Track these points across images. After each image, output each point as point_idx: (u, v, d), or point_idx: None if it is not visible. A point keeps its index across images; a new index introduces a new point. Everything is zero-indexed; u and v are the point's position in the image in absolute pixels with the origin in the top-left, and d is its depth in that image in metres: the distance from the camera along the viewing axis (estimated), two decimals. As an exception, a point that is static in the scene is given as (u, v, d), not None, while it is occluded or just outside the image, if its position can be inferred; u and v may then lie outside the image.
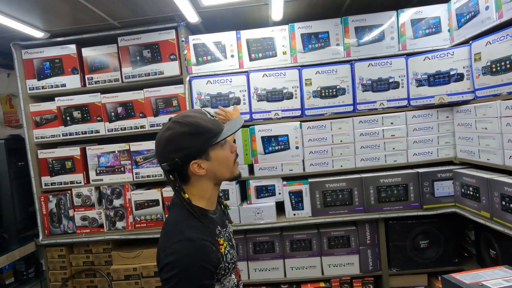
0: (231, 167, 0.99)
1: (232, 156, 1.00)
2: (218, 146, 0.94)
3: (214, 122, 0.93)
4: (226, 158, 0.97)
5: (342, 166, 1.99)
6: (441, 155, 1.95)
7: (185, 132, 0.89)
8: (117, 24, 1.98)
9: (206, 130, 0.90)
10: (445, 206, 1.91)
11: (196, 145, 0.90)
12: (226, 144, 0.98)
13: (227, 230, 1.03)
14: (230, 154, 0.99)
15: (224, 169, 0.97)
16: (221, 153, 0.95)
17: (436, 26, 1.90)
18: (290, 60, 1.99)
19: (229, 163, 0.98)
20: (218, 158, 0.95)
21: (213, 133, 0.91)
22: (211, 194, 0.99)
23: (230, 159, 0.98)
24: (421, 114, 1.94)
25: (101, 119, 2.08)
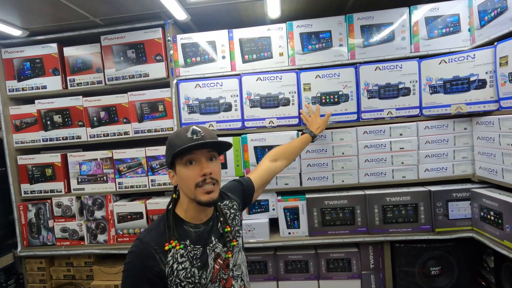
0: (191, 189, 0.94)
1: (194, 178, 0.93)
2: (182, 162, 0.94)
3: (186, 140, 0.92)
4: (185, 177, 0.94)
5: (344, 181, 1.78)
6: (457, 172, 1.72)
7: (166, 143, 0.99)
8: (99, 21, 1.82)
9: (173, 145, 0.93)
10: (461, 230, 1.68)
11: (167, 156, 0.98)
12: (194, 164, 0.94)
13: (201, 250, 0.97)
14: (191, 175, 0.93)
15: (185, 188, 0.96)
16: (182, 171, 0.95)
17: (454, 25, 1.67)
18: (288, 62, 1.79)
19: (188, 184, 0.94)
20: (180, 175, 0.96)
21: (175, 149, 0.91)
22: (189, 207, 0.98)
23: (189, 180, 0.93)
24: (434, 125, 1.71)
25: (82, 124, 1.93)
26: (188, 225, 0.97)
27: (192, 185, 0.93)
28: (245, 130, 1.83)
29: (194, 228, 0.98)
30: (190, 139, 0.92)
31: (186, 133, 0.93)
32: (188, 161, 0.93)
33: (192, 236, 0.96)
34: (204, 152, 0.94)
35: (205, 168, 0.93)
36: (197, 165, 0.93)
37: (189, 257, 0.94)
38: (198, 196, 0.93)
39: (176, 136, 0.95)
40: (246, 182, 1.23)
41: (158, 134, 1.88)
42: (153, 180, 1.91)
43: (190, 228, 0.97)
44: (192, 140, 0.92)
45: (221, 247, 1.01)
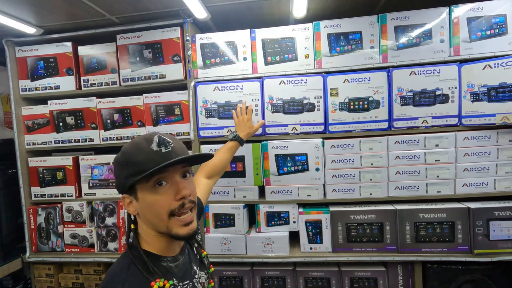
0: (162, 220, 0.73)
1: (168, 205, 0.72)
2: (148, 185, 0.72)
3: (152, 155, 0.71)
4: (155, 205, 0.72)
5: (372, 194, 1.65)
6: (499, 188, 1.56)
7: (118, 159, 0.76)
8: (115, 20, 1.74)
9: (132, 162, 0.72)
10: (503, 253, 1.52)
11: (120, 178, 0.75)
12: (165, 185, 0.73)
13: (191, 285, 0.81)
14: (163, 201, 0.72)
15: (153, 218, 0.74)
16: (149, 196, 0.72)
17: (500, 27, 1.52)
18: (313, 65, 1.66)
19: (159, 212, 0.72)
20: (145, 202, 0.73)
21: (139, 168, 0.71)
22: (155, 241, 0.77)
23: (161, 207, 0.72)
24: (475, 136, 1.55)
25: (95, 126, 1.85)
26: (166, 260, 0.79)
27: (165, 214, 0.72)
28: (266, 136, 1.71)
29: (174, 262, 0.80)
30: (158, 154, 0.71)
31: (149, 144, 0.72)
32: (157, 182, 0.72)
33: (175, 273, 0.79)
34: (178, 168, 0.74)
35: (183, 190, 0.73)
36: (169, 186, 0.73)
37: None
38: (174, 229, 0.73)
39: (136, 150, 0.72)
40: (198, 200, 1.04)
41: (174, 138, 1.77)
42: (167, 187, 1.81)
43: (169, 264, 0.79)
44: (162, 154, 0.71)
45: (204, 276, 0.87)
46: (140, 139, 0.75)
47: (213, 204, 1.75)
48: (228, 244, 1.74)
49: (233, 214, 1.74)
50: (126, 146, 0.76)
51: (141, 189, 0.73)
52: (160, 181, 0.72)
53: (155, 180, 0.71)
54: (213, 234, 1.76)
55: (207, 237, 1.75)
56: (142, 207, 0.74)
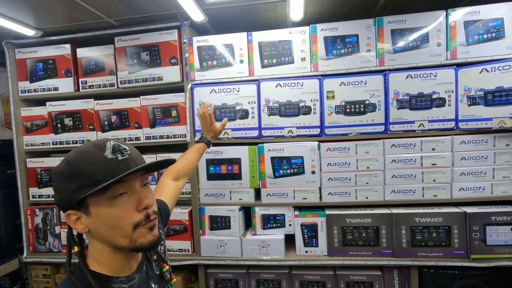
0: (125, 233, 0.66)
1: (130, 217, 0.65)
2: (102, 198, 0.64)
3: (107, 164, 0.63)
4: (113, 219, 0.65)
5: (368, 198, 1.64)
6: (496, 193, 1.55)
7: (61, 171, 0.65)
8: (113, 22, 1.75)
9: (82, 173, 0.63)
10: (500, 258, 1.51)
11: (66, 191, 0.64)
12: (123, 197, 0.65)
13: None
14: (124, 213, 0.65)
15: (111, 233, 0.66)
16: (105, 210, 0.64)
17: (497, 30, 1.51)
18: (310, 68, 1.67)
19: (121, 226, 0.65)
20: (101, 217, 0.65)
21: (92, 179, 0.62)
22: (109, 258, 0.70)
23: (122, 221, 0.65)
24: (472, 140, 1.55)
25: (93, 128, 1.86)
26: (118, 282, 0.70)
27: (129, 227, 0.65)
28: (262, 139, 1.71)
29: (128, 283, 0.72)
30: (114, 162, 0.64)
31: (102, 152, 0.64)
32: (119, 194, 0.65)
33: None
34: (137, 177, 0.67)
35: (145, 199, 0.66)
36: (129, 197, 0.66)
37: None
38: (139, 240, 0.67)
39: (85, 158, 0.64)
40: (162, 206, 0.99)
41: (170, 140, 1.78)
42: (163, 188, 1.81)
43: (122, 285, 0.71)
44: (118, 162, 0.64)
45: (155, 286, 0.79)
46: (88, 146, 0.66)
47: (209, 206, 1.75)
48: (224, 246, 1.74)
49: (228, 217, 1.74)
50: (71, 154, 0.66)
51: (95, 202, 0.64)
52: (119, 192, 0.65)
53: (113, 191, 0.64)
54: (209, 236, 1.76)
55: (203, 239, 1.75)
56: (95, 223, 0.66)
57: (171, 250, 1.80)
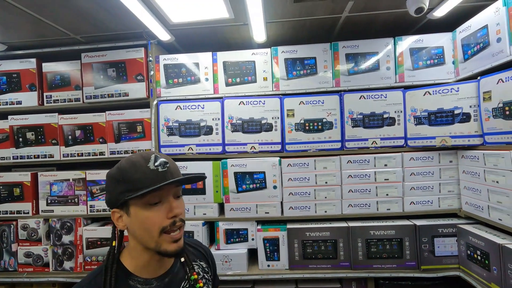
0: (154, 236, 0.74)
1: (160, 222, 0.74)
2: (142, 201, 0.74)
3: (149, 174, 0.73)
4: (147, 221, 0.74)
5: (327, 211, 1.71)
6: (443, 206, 1.66)
7: (113, 175, 0.77)
8: (80, 38, 1.78)
9: (129, 179, 0.74)
10: (447, 268, 1.60)
11: (115, 192, 0.76)
12: (159, 204, 0.75)
13: None
14: (156, 218, 0.74)
15: (143, 234, 0.75)
16: (142, 213, 0.74)
17: (439, 57, 1.66)
18: (272, 87, 1.75)
19: (151, 229, 0.74)
20: (138, 218, 0.75)
21: (136, 185, 0.73)
22: (141, 257, 0.78)
23: (153, 224, 0.74)
24: (420, 157, 1.66)
25: (56, 142, 1.84)
26: (135, 280, 0.78)
27: (157, 231, 0.74)
28: (225, 154, 1.76)
29: (143, 285, 0.78)
30: (155, 173, 0.73)
31: (146, 163, 0.74)
32: (154, 202, 0.74)
33: None
34: (172, 188, 0.77)
35: (175, 209, 0.75)
36: (163, 205, 0.75)
37: None
38: (163, 245, 0.75)
39: (133, 167, 0.74)
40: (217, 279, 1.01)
41: (135, 155, 1.79)
42: (127, 204, 1.80)
43: (137, 285, 0.77)
44: (158, 174, 0.73)
45: None
46: (137, 156, 0.77)
47: (172, 221, 1.76)
48: (187, 262, 1.73)
49: (192, 232, 1.75)
50: (122, 162, 0.77)
51: (135, 205, 0.74)
52: (155, 201, 0.74)
53: (151, 198, 0.74)
54: (172, 252, 1.75)
55: (166, 255, 1.75)
56: (133, 223, 0.75)
57: (133, 266, 1.77)
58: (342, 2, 1.47)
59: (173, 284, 0.82)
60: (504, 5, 1.28)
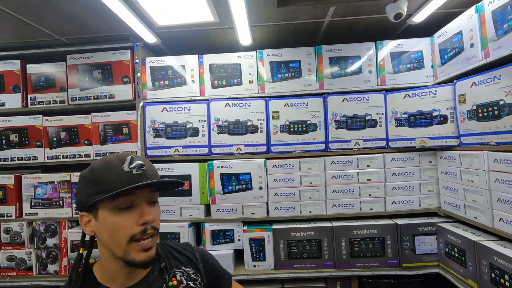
0: (122, 243, 0.69)
1: (129, 228, 0.69)
2: (111, 205, 0.69)
3: (123, 175, 0.69)
4: (115, 227, 0.69)
5: (311, 212, 1.74)
6: (423, 205, 1.71)
7: (85, 175, 0.73)
8: (65, 40, 1.77)
9: (100, 180, 0.69)
10: (428, 266, 1.65)
11: (84, 194, 0.72)
12: (130, 209, 0.70)
13: None
14: (125, 224, 0.69)
15: (111, 241, 0.70)
16: (110, 217, 0.69)
17: (418, 61, 1.72)
18: (257, 89, 1.78)
19: (119, 235, 0.69)
20: (106, 223, 0.70)
21: (106, 187, 0.68)
22: (109, 267, 0.73)
23: (121, 230, 0.69)
24: (401, 157, 1.71)
25: (41, 144, 1.83)
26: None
27: (125, 239, 0.69)
28: (211, 156, 1.77)
29: None
30: (129, 175, 0.69)
31: (121, 164, 0.70)
32: (125, 207, 0.70)
33: None
34: (146, 193, 0.72)
35: (147, 215, 0.70)
36: (134, 210, 0.70)
37: None
38: (131, 254, 0.70)
39: (106, 168, 0.70)
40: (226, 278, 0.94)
41: (121, 157, 1.79)
42: (113, 206, 1.80)
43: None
44: (132, 176, 0.69)
45: None
46: (112, 157, 0.72)
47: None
48: (173, 263, 1.74)
49: (178, 233, 1.75)
50: (96, 162, 0.72)
51: (104, 208, 0.70)
52: (126, 205, 0.70)
53: (121, 202, 0.69)
54: (158, 253, 1.75)
55: (152, 256, 1.74)
56: (100, 228, 0.71)
57: (118, 269, 1.76)
58: (324, 7, 1.51)
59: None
60: (476, 12, 1.34)
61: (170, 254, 0.85)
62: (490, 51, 1.27)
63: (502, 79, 1.22)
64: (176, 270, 0.82)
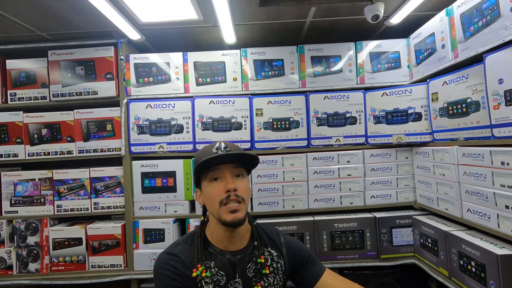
0: (215, 207, 0.90)
1: (218, 195, 0.90)
2: (207, 179, 0.93)
3: (209, 153, 0.90)
4: (209, 194, 0.92)
5: (294, 206, 1.79)
6: (400, 199, 1.79)
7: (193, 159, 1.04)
8: (47, 36, 1.75)
9: (196, 160, 0.94)
10: (404, 257, 1.72)
11: (194, 173, 0.97)
12: (219, 181, 0.91)
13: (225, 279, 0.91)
14: (215, 192, 0.90)
15: (210, 206, 0.93)
16: (207, 188, 0.93)
17: (395, 61, 1.80)
18: (241, 87, 1.81)
19: (213, 201, 0.91)
20: (205, 193, 0.94)
21: (198, 163, 0.90)
22: (215, 230, 0.95)
23: (213, 197, 0.91)
24: (379, 153, 1.78)
25: (21, 141, 1.80)
26: (213, 249, 0.95)
27: (216, 203, 0.90)
28: (196, 153, 1.79)
29: (219, 254, 0.95)
30: (214, 154, 0.90)
31: (211, 148, 0.93)
32: (213, 178, 0.92)
33: (217, 260, 0.94)
34: (230, 168, 0.92)
35: (229, 184, 0.89)
36: (221, 181, 0.91)
37: (213, 281, 0.91)
38: (222, 215, 0.89)
39: (202, 152, 0.96)
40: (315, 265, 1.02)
41: (105, 154, 1.79)
42: (96, 203, 1.79)
43: (215, 253, 0.95)
44: (216, 154, 0.90)
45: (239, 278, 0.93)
46: (208, 145, 0.96)
47: (143, 219, 1.77)
48: (158, 259, 1.74)
49: (163, 229, 1.76)
50: (198, 150, 1.00)
51: (204, 182, 0.94)
52: (215, 177, 0.91)
53: (211, 175, 0.91)
54: (143, 250, 1.76)
55: (136, 253, 1.75)
56: (204, 198, 0.95)
57: (102, 266, 1.76)
58: (305, 7, 1.56)
59: (242, 261, 0.94)
60: (447, 15, 1.41)
61: (261, 235, 1.01)
62: (459, 52, 1.34)
63: (470, 78, 1.30)
64: (265, 249, 0.99)
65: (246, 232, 0.99)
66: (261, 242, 0.99)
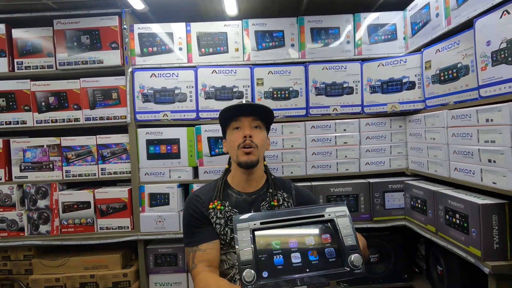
0: (234, 150, 1.08)
1: (237, 141, 1.07)
2: (229, 129, 1.12)
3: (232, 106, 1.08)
4: (231, 141, 1.10)
5: (293, 172, 1.88)
6: (394, 166, 1.88)
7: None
8: (52, 4, 1.78)
9: (222, 111, 1.11)
10: (395, 219, 1.83)
11: (220, 124, 1.18)
12: (239, 129, 1.09)
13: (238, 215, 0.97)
14: (235, 138, 1.08)
15: (231, 151, 1.12)
16: (229, 136, 1.12)
17: (392, 33, 1.86)
18: (243, 57, 1.87)
19: (233, 146, 1.09)
20: (228, 140, 1.13)
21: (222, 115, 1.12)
22: (235, 173, 1.14)
23: (233, 142, 1.08)
24: (374, 122, 1.87)
25: (29, 108, 1.86)
26: (232, 190, 1.13)
27: (235, 147, 1.07)
28: (199, 121, 1.86)
29: (236, 195, 1.12)
30: (237, 105, 1.08)
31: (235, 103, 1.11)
32: (235, 127, 1.10)
33: (232, 200, 1.11)
34: (249, 119, 1.09)
35: (246, 131, 1.07)
36: (241, 130, 1.09)
37: (225, 217, 1.07)
38: (239, 157, 1.06)
39: (227, 106, 1.10)
40: None
41: (111, 122, 1.85)
42: (103, 169, 1.87)
43: (233, 193, 1.13)
44: (238, 105, 1.08)
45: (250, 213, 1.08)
46: None
47: (148, 184, 1.85)
48: (163, 222, 1.84)
49: (168, 194, 1.85)
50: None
51: (227, 131, 1.13)
52: (237, 126, 1.09)
53: (233, 126, 1.10)
54: (148, 213, 1.85)
55: (142, 216, 1.84)
56: (227, 144, 1.14)
57: (110, 228, 1.85)
58: (306, -23, 1.60)
59: (256, 201, 1.12)
60: (442, -16, 1.47)
61: (275, 181, 1.19)
62: (452, 19, 1.41)
63: (461, 43, 1.37)
64: (278, 191, 1.16)
65: (262, 177, 1.18)
66: (275, 188, 1.15)
